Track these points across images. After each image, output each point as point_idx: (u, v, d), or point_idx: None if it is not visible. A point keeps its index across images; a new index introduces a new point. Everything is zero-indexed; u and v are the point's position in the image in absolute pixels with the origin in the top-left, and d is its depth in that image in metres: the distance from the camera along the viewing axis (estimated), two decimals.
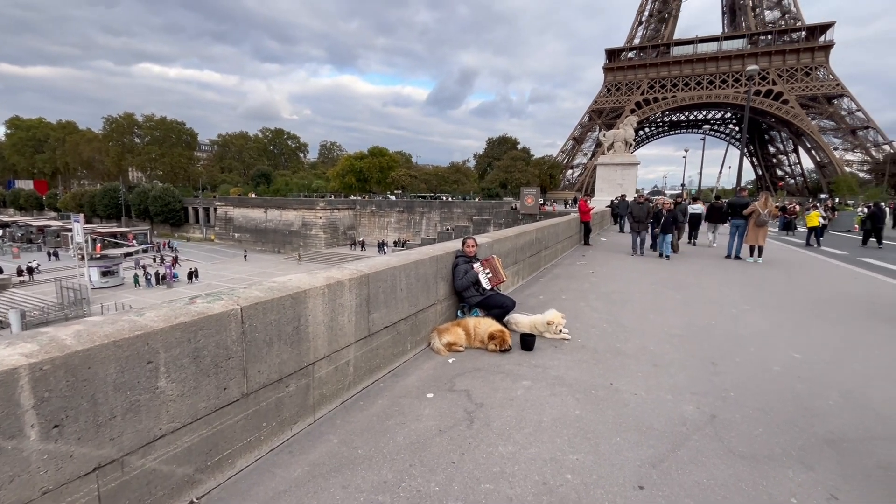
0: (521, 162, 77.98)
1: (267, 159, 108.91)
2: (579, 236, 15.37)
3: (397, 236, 57.94)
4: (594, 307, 6.71)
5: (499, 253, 6.75)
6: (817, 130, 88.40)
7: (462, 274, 5.21)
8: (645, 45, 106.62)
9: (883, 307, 7.01)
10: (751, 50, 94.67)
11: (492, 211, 46.39)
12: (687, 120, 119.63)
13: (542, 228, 10.20)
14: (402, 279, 4.22)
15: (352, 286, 3.47)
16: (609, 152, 34.98)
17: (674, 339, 5.27)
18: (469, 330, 4.74)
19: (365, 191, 78.17)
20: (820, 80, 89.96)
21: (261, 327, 2.66)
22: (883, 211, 17.85)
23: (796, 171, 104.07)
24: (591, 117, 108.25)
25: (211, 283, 39.05)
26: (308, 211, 59.23)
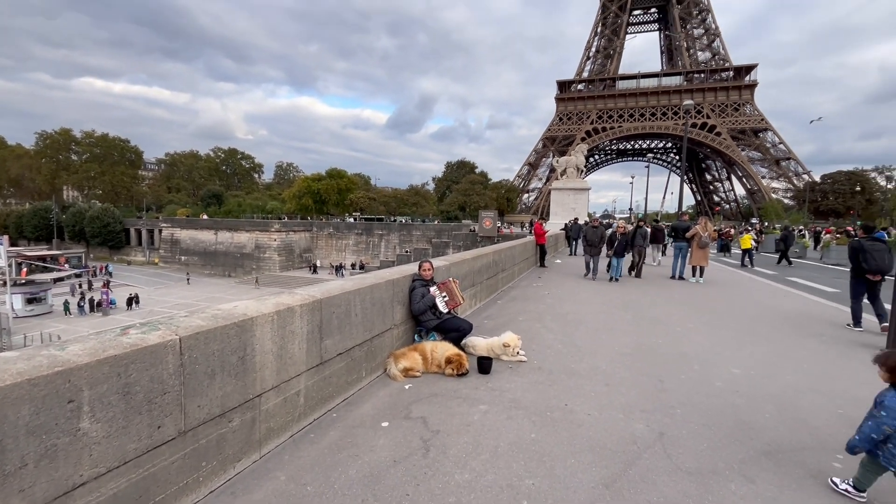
0: (479, 186, 79.62)
1: (219, 179, 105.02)
2: (535, 258, 15.75)
3: (356, 259, 57.05)
4: (550, 328, 6.84)
5: (456, 276, 6.78)
6: (747, 160, 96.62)
7: (419, 297, 5.18)
8: (593, 79, 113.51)
9: (809, 323, 7.61)
10: (687, 86, 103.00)
11: (451, 233, 46.83)
12: (633, 148, 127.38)
13: (499, 251, 10.38)
14: (357, 304, 4.13)
15: (303, 312, 3.36)
16: (562, 178, 36.44)
17: (624, 357, 5.45)
18: (426, 354, 4.68)
19: (322, 213, 76.82)
20: (747, 115, 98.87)
21: (202, 358, 2.50)
22: (792, 234, 20.51)
23: (731, 197, 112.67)
24: (545, 144, 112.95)
25: (153, 310, 36.56)
26: (262, 233, 57.30)
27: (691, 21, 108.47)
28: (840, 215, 71.81)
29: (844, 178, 77.23)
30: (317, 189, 75.36)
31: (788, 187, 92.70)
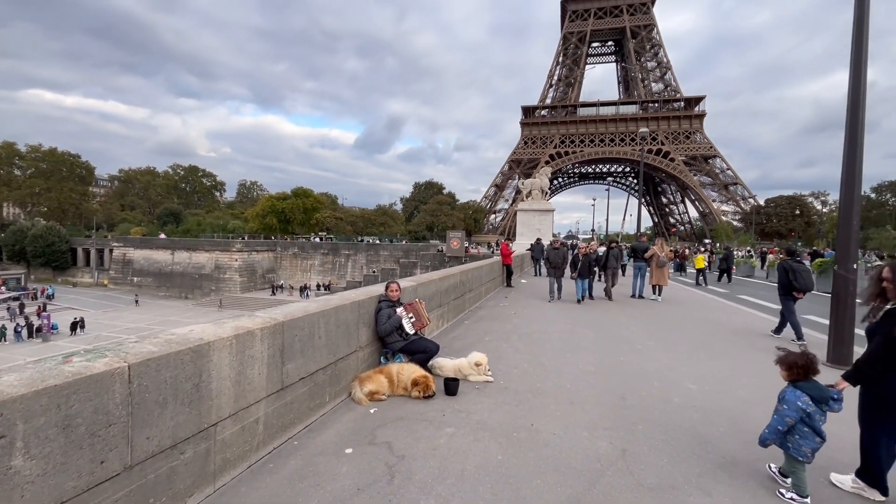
0: (446, 206, 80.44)
1: (177, 197, 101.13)
2: (502, 278, 15.94)
3: (321, 279, 55.86)
4: (516, 348, 6.90)
5: (423, 296, 6.77)
6: (698, 185, 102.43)
7: (385, 319, 5.12)
8: (556, 105, 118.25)
9: (758, 338, 8.03)
10: (642, 115, 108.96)
11: (418, 254, 46.76)
12: (594, 172, 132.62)
13: (466, 271, 10.45)
14: (321, 326, 4.04)
15: (264, 336, 3.25)
16: (528, 199, 37.37)
17: (588, 376, 5.55)
18: (392, 377, 4.61)
19: (287, 232, 75.13)
20: (698, 142, 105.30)
21: (153, 386, 2.37)
22: (732, 254, 23.20)
23: (685, 219, 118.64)
24: (511, 166, 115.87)
25: (100, 335, 34.26)
26: (223, 253, 55.29)
27: (645, 54, 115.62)
28: (783, 236, 76.88)
29: (785, 202, 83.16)
30: (282, 208, 73.84)
31: (737, 210, 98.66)
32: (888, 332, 2.85)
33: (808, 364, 2.99)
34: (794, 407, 2.91)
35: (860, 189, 6.31)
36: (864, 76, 6.02)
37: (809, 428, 2.91)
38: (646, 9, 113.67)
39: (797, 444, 2.94)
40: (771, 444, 3.06)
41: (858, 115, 6.04)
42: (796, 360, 3.03)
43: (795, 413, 2.91)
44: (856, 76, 6.04)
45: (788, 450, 2.99)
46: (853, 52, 6.06)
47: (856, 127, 6.05)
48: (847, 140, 6.14)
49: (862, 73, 6.02)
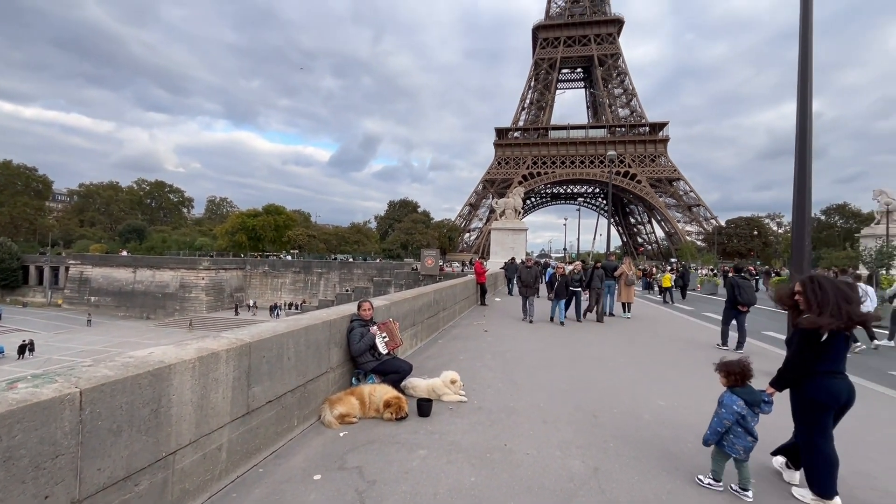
0: (421, 225, 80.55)
1: (142, 213, 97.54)
2: (476, 297, 15.98)
3: (293, 298, 54.55)
4: (490, 367, 6.88)
5: (396, 315, 6.70)
6: (664, 206, 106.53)
7: (358, 338, 5.03)
8: (528, 128, 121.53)
9: (723, 354, 8.28)
10: (610, 138, 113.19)
11: (393, 272, 46.44)
12: (565, 192, 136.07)
13: (440, 290, 10.43)
14: (290, 347, 3.93)
15: (230, 357, 3.14)
16: (501, 218, 37.90)
17: (561, 393, 5.58)
18: (364, 398, 4.50)
19: (258, 250, 73.36)
20: (662, 165, 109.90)
21: (107, 413, 2.23)
22: (689, 272, 25.11)
23: (652, 239, 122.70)
24: (485, 186, 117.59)
25: (51, 358, 32.19)
26: (189, 271, 53.37)
27: (612, 81, 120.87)
28: (743, 256, 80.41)
29: (744, 223, 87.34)
30: (252, 225, 72.28)
31: (700, 230, 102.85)
32: (800, 341, 3.14)
33: (744, 371, 3.29)
34: (730, 410, 3.21)
35: (810, 212, 6.70)
36: (809, 108, 6.48)
37: (743, 429, 3.21)
38: (612, 38, 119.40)
39: (732, 443, 3.23)
40: (712, 444, 3.33)
41: (806, 143, 6.47)
42: (733, 367, 3.32)
43: (732, 416, 3.20)
44: (802, 108, 6.49)
45: (724, 448, 3.27)
46: (799, 86, 6.53)
47: (804, 154, 6.47)
48: (797, 167, 6.55)
49: (808, 105, 6.47)
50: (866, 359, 9.26)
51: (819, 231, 72.42)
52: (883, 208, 34.05)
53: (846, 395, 3.11)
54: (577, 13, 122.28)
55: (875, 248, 29.93)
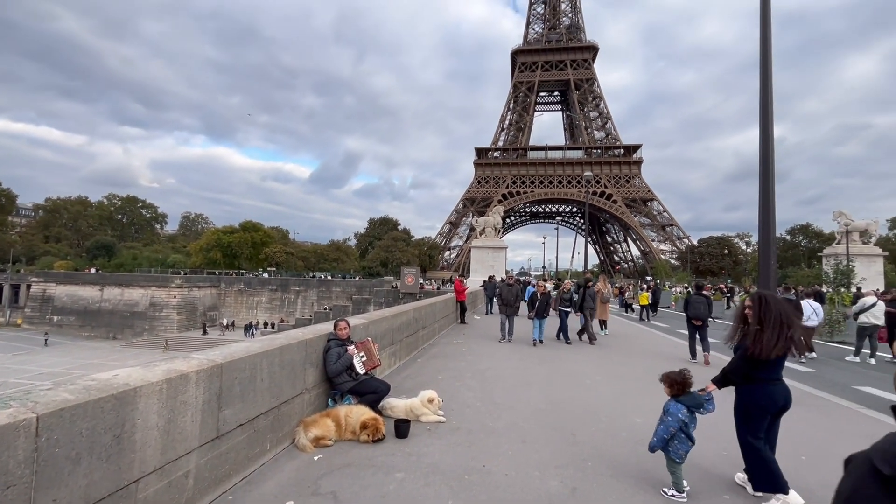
0: (401, 242, 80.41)
1: (112, 229, 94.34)
2: (456, 315, 15.94)
3: (269, 317, 53.26)
4: (469, 386, 6.83)
5: (375, 334, 6.62)
6: (639, 225, 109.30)
7: (335, 358, 4.94)
8: (507, 148, 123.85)
9: (698, 370, 8.44)
10: (587, 159, 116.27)
11: (372, 290, 46.01)
12: (544, 211, 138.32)
13: (419, 308, 10.37)
14: (264, 367, 3.83)
15: (200, 379, 3.04)
16: (481, 236, 38.21)
17: (540, 413, 5.58)
18: (339, 420, 4.40)
19: (233, 267, 71.66)
20: (637, 186, 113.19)
21: (65, 440, 2.12)
22: (659, 290, 26.27)
23: (628, 257, 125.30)
24: (465, 204, 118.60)
25: (7, 382, 30.37)
26: (160, 289, 51.59)
27: (587, 105, 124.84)
28: (715, 274, 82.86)
29: (715, 242, 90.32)
30: (228, 242, 70.65)
31: (673, 249, 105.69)
32: (746, 349, 3.39)
33: (684, 381, 3.58)
34: (675, 418, 3.48)
35: (775, 232, 7.00)
36: (771, 134, 6.83)
37: (685, 434, 3.49)
38: (587, 64, 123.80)
39: (676, 448, 3.48)
40: (658, 450, 3.54)
41: (769, 168, 6.79)
42: (675, 377, 3.60)
43: (677, 423, 3.47)
44: (765, 134, 6.84)
45: (669, 453, 3.51)
46: (761, 113, 6.89)
47: (767, 178, 6.79)
48: (761, 190, 6.86)
49: (769, 131, 6.82)
50: (832, 374, 9.59)
51: (785, 250, 75.42)
52: (842, 229, 35.81)
53: (783, 400, 3.44)
54: (553, 39, 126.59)
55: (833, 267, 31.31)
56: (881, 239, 41.50)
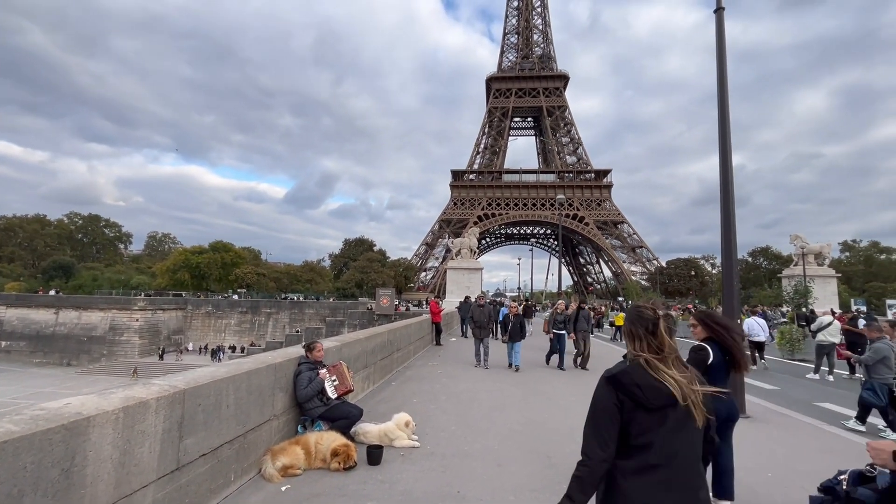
0: (377, 263, 79.70)
1: (71, 249, 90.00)
2: (431, 336, 15.80)
3: (238, 340, 51.41)
4: (444, 409, 6.73)
5: (348, 357, 6.48)
6: (610, 247, 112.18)
7: (305, 383, 4.79)
8: (483, 171, 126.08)
9: None
10: (560, 183, 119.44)
11: (347, 311, 45.23)
12: (519, 233, 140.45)
13: (394, 330, 10.25)
14: (230, 393, 3.68)
15: (160, 407, 2.89)
16: (457, 258, 38.33)
17: (516, 435, 5.53)
18: (309, 447, 4.24)
19: (202, 289, 69.25)
20: (607, 209, 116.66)
21: (6, 476, 1.97)
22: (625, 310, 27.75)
23: (601, 279, 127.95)
24: (441, 226, 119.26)
25: None
26: (121, 311, 49.18)
27: (559, 131, 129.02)
28: (683, 294, 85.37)
29: (683, 264, 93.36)
30: (196, 262, 68.47)
31: (644, 271, 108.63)
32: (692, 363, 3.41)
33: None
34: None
35: (736, 255, 7.31)
36: (730, 162, 7.21)
37: None
38: (559, 92, 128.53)
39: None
40: None
41: (729, 194, 7.14)
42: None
43: None
44: (724, 162, 7.21)
45: None
46: (720, 144, 7.28)
47: (728, 204, 7.13)
48: (722, 216, 7.19)
49: (728, 159, 7.20)
50: (794, 391, 9.93)
51: (747, 272, 78.66)
52: (799, 251, 37.73)
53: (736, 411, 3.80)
54: (526, 68, 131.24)
55: (791, 288, 32.83)
56: (834, 261, 43.85)
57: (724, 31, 7.41)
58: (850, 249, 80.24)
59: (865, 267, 74.97)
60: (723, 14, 7.41)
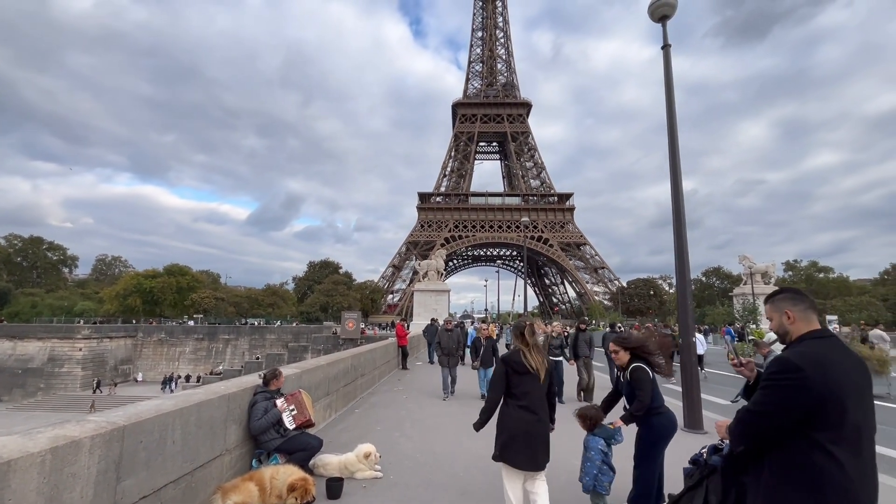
0: (342, 286, 78.21)
1: (8, 273, 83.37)
2: (397, 360, 15.51)
3: (193, 369, 48.65)
4: (409, 436, 6.56)
5: (309, 385, 6.25)
6: (573, 268, 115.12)
7: (261, 413, 4.56)
8: (449, 193, 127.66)
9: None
10: (524, 206, 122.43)
11: (310, 336, 43.88)
12: (485, 255, 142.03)
13: (358, 355, 9.99)
14: (176, 428, 3.44)
15: (95, 446, 2.66)
16: (424, 280, 38.19)
17: (482, 460, 5.43)
18: (264, 483, 4.00)
19: (154, 315, 65.52)
20: (570, 231, 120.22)
21: None
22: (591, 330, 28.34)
23: (565, 299, 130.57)
24: (409, 248, 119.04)
25: None
26: (62, 340, 45.62)
27: (523, 156, 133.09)
28: (643, 314, 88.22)
29: (642, 284, 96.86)
30: (149, 287, 64.91)
31: (606, 291, 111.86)
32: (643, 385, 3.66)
33: (597, 415, 3.86)
34: (596, 450, 3.71)
35: (690, 275, 7.65)
36: (680, 187, 7.62)
37: (607, 465, 3.71)
38: (522, 118, 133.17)
39: (601, 482, 3.66)
40: (592, 487, 3.65)
41: (681, 218, 7.52)
42: (588, 412, 3.90)
43: (599, 456, 3.69)
44: (675, 187, 7.61)
45: (596, 488, 3.64)
46: (671, 170, 7.69)
47: (680, 227, 7.50)
48: (675, 239, 7.54)
49: (679, 184, 7.61)
50: None
51: (701, 291, 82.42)
52: (747, 271, 40.00)
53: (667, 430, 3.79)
54: (491, 95, 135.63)
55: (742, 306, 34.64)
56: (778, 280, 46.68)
57: (671, 66, 7.93)
58: (792, 269, 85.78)
59: (807, 285, 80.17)
60: (669, 50, 7.94)
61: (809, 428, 1.73)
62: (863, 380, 1.81)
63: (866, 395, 1.79)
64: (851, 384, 1.75)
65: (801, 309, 1.97)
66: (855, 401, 1.73)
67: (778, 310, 2.03)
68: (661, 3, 7.62)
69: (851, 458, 1.68)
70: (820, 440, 1.71)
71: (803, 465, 1.73)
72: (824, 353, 1.82)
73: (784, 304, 2.01)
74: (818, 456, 1.70)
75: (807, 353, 1.83)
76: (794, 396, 1.75)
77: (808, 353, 1.83)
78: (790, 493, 1.74)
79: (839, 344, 1.89)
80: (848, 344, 10.14)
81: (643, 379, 3.59)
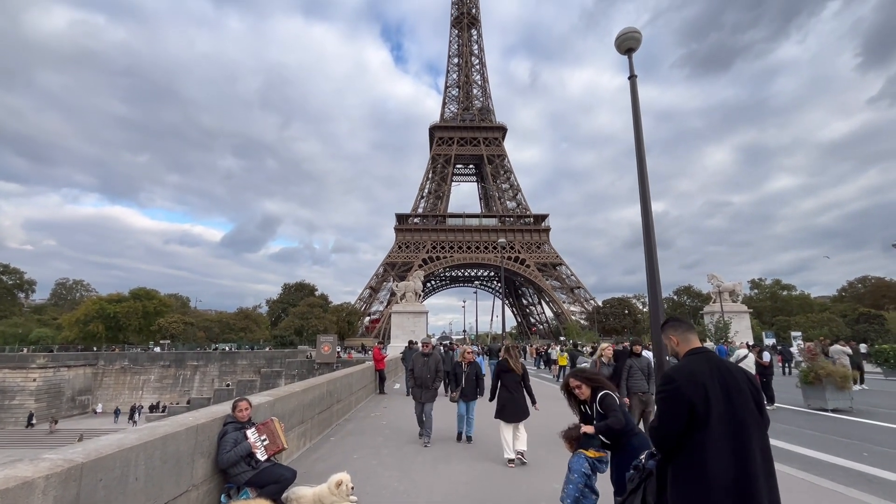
0: (318, 308, 76.64)
1: None
2: (375, 385, 15.20)
3: (158, 398, 46.30)
4: (386, 464, 6.39)
5: (282, 413, 6.04)
6: (551, 288, 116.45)
7: (230, 445, 4.37)
8: (427, 214, 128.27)
9: None
10: (501, 227, 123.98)
11: (284, 361, 42.57)
12: (463, 276, 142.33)
13: (333, 380, 9.75)
14: (140, 464, 3.26)
15: (49, 487, 2.49)
16: (402, 301, 37.88)
17: (461, 487, 5.34)
18: None
19: (118, 341, 62.51)
20: (546, 252, 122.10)
21: None
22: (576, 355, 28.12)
23: (543, 319, 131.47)
24: (386, 269, 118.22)
25: None
26: (14, 370, 42.83)
27: (500, 178, 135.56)
28: (619, 332, 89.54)
29: (617, 303, 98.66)
30: (113, 312, 62.08)
31: (582, 310, 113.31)
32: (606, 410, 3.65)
33: (581, 436, 3.88)
34: (579, 472, 3.69)
35: (661, 294, 7.84)
36: (649, 209, 7.88)
37: (589, 489, 3.68)
38: (498, 142, 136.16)
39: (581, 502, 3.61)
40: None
41: (651, 239, 7.75)
42: (572, 433, 3.93)
43: (582, 479, 3.66)
44: (644, 210, 7.87)
45: None
46: (641, 193, 7.97)
47: (650, 248, 7.71)
48: (647, 260, 7.75)
49: (648, 207, 7.88)
50: None
51: (673, 309, 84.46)
52: (715, 289, 41.32)
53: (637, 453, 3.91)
54: (467, 119, 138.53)
55: (712, 324, 35.66)
56: (745, 297, 48.41)
57: (638, 95, 8.31)
58: (757, 287, 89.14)
59: (772, 302, 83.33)
60: (636, 81, 8.33)
61: (693, 429, 2.04)
62: (728, 380, 2.11)
63: (732, 392, 2.09)
64: (715, 386, 2.07)
65: (680, 332, 2.41)
66: (720, 398, 2.05)
67: (666, 336, 2.46)
68: (627, 36, 8.02)
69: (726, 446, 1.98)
70: (699, 438, 2.02)
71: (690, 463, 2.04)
72: (693, 365, 2.20)
73: (668, 331, 2.45)
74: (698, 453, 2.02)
75: (681, 366, 2.24)
76: (673, 404, 2.10)
77: (681, 366, 2.24)
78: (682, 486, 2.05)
79: (709, 356, 2.26)
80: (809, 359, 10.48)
81: (614, 404, 3.68)
